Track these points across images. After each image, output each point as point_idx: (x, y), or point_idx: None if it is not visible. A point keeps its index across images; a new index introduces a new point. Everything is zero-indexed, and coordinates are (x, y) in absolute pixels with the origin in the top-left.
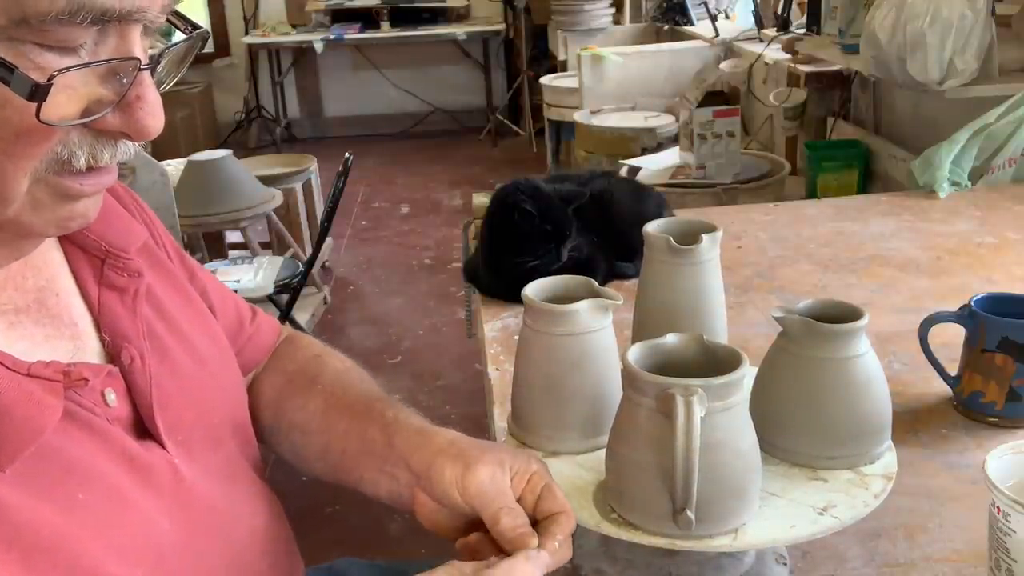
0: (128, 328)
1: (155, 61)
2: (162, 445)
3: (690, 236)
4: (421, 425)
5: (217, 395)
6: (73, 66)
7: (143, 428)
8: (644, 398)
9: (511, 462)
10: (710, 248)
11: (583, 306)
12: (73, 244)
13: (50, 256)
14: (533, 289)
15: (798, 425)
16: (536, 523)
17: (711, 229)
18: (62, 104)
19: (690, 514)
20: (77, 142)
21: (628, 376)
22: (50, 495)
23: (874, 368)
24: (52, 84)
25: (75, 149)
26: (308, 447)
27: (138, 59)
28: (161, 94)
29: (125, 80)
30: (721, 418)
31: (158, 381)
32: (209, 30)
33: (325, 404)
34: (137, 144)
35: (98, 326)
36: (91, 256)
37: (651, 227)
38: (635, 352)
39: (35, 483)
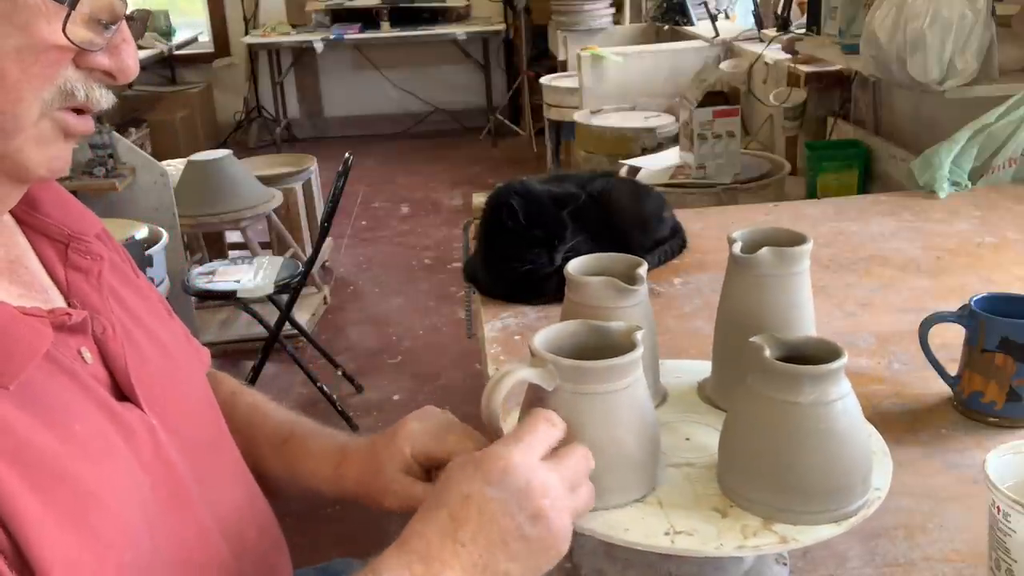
0: (97, 303)
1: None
2: (140, 408)
3: (770, 243)
4: (321, 453)
5: (188, 379)
6: None
7: (120, 394)
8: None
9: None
10: (801, 259)
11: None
12: (36, 231)
13: (15, 240)
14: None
15: (764, 477)
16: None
17: (801, 240)
18: (74, 33)
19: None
20: (74, 78)
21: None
22: (49, 423)
23: (853, 413)
24: None
25: (75, 83)
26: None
27: (124, 3)
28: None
29: (112, 27)
30: (582, 401)
31: (130, 353)
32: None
33: (243, 445)
34: (111, 97)
35: (68, 302)
36: (54, 242)
37: (738, 235)
38: (542, 336)
39: (35, 410)
